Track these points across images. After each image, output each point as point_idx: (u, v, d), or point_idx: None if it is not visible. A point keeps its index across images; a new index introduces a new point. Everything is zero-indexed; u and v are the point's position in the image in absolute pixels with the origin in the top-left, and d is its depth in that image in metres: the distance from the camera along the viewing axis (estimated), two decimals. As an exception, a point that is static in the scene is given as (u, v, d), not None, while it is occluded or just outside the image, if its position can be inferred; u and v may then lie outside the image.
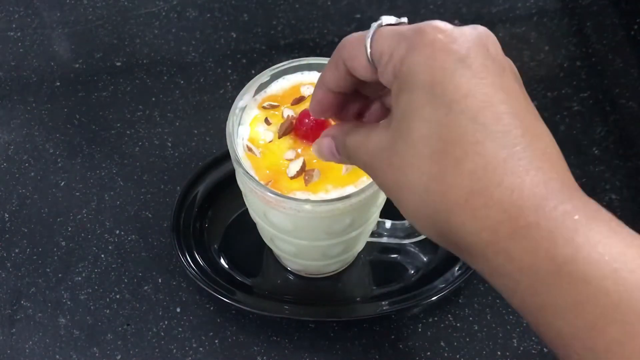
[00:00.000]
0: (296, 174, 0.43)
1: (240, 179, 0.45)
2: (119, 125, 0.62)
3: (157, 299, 0.54)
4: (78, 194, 0.59)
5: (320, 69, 0.47)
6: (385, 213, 0.50)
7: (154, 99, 0.64)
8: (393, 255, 0.55)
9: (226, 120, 0.45)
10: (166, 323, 0.53)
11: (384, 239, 0.53)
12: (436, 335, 0.52)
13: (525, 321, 0.52)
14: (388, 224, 0.53)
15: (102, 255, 0.56)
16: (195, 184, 0.56)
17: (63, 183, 0.59)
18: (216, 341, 0.52)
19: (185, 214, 0.55)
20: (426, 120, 0.29)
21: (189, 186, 0.56)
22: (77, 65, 0.66)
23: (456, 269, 0.53)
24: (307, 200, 0.42)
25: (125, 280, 0.55)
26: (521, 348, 0.51)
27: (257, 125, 0.46)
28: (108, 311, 0.53)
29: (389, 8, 0.68)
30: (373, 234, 0.52)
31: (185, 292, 0.54)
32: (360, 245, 0.53)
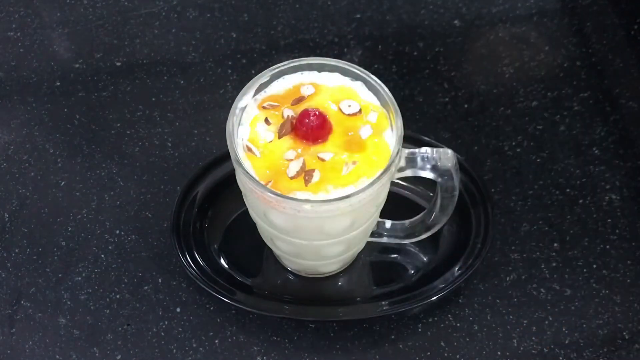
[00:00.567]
0: (296, 174, 0.43)
1: (240, 179, 0.45)
2: (119, 125, 0.62)
3: (157, 299, 0.54)
4: (78, 194, 0.59)
5: (320, 69, 0.47)
6: (385, 213, 0.50)
7: (154, 99, 0.64)
8: (393, 255, 0.55)
9: (226, 120, 0.45)
10: (166, 323, 0.53)
11: (384, 239, 0.53)
12: (436, 335, 0.52)
13: (525, 321, 0.52)
14: (388, 224, 0.53)
15: (102, 255, 0.56)
16: (195, 184, 0.56)
17: (63, 183, 0.59)
18: (216, 341, 0.52)
19: (185, 214, 0.55)
20: None
21: (189, 186, 0.56)
22: (77, 65, 0.66)
23: (456, 269, 0.53)
24: (307, 200, 0.42)
25: (125, 280, 0.55)
26: (521, 348, 0.51)
27: (257, 125, 0.46)
28: (108, 311, 0.53)
29: (388, 8, 0.68)
30: (373, 234, 0.52)
31: (185, 292, 0.54)
32: (360, 245, 0.53)
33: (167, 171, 0.60)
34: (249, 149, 0.44)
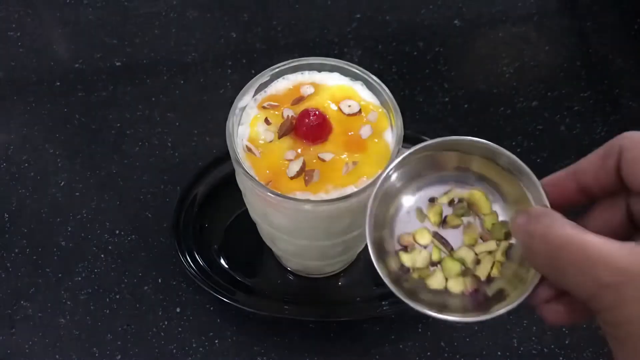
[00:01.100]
0: (296, 174, 0.43)
1: (240, 179, 0.45)
2: (119, 125, 0.62)
3: (157, 299, 0.54)
4: (78, 194, 0.59)
5: (320, 69, 0.47)
6: (385, 213, 0.50)
7: (154, 99, 0.64)
8: (393, 255, 0.55)
9: (226, 120, 0.45)
10: (166, 323, 0.53)
11: (384, 239, 0.53)
12: (436, 335, 0.52)
13: (525, 321, 0.52)
14: (388, 224, 0.53)
15: (102, 255, 0.56)
16: (195, 184, 0.56)
17: (63, 183, 0.59)
18: (216, 341, 0.52)
19: (185, 214, 0.55)
20: None
21: (189, 186, 0.56)
22: (77, 65, 0.66)
23: (456, 269, 0.53)
24: (307, 200, 0.42)
25: (125, 280, 0.55)
26: (521, 348, 0.51)
27: (257, 125, 0.46)
28: (108, 311, 0.53)
29: (388, 8, 0.68)
30: (373, 234, 0.52)
31: (185, 292, 0.54)
32: (360, 245, 0.53)
33: (167, 171, 0.60)
34: (249, 149, 0.44)
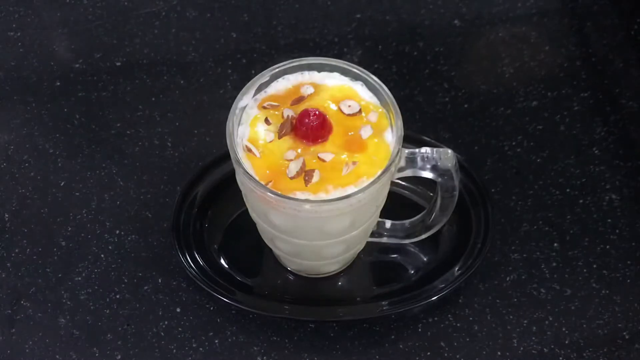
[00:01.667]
0: (296, 174, 0.43)
1: (240, 179, 0.45)
2: (119, 125, 0.62)
3: (157, 299, 0.54)
4: (78, 194, 0.59)
5: (320, 69, 0.47)
6: (385, 213, 0.50)
7: (154, 99, 0.64)
8: (393, 255, 0.55)
9: (226, 120, 0.45)
10: (166, 323, 0.53)
11: (384, 239, 0.53)
12: (436, 335, 0.52)
13: (525, 321, 0.52)
14: (388, 224, 0.53)
15: (102, 255, 0.56)
16: (195, 184, 0.56)
17: (63, 183, 0.59)
18: (216, 341, 0.52)
19: (185, 214, 0.55)
20: None
21: (189, 186, 0.56)
22: (77, 65, 0.66)
23: (456, 269, 0.53)
24: (307, 200, 0.42)
25: (125, 280, 0.55)
26: (521, 348, 0.51)
27: (257, 125, 0.46)
28: (108, 311, 0.53)
29: (388, 8, 0.68)
30: (373, 234, 0.52)
31: (185, 292, 0.54)
32: (360, 245, 0.53)
33: (167, 171, 0.60)
34: (249, 149, 0.44)
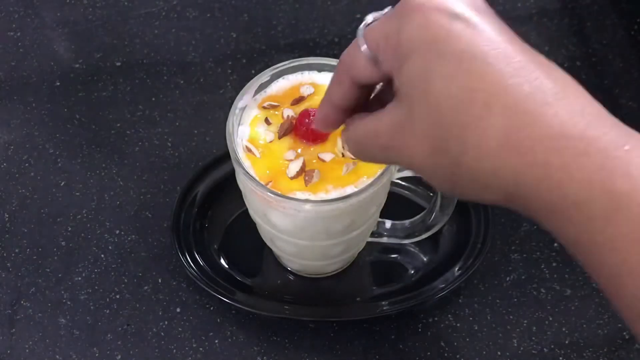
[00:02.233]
0: (296, 174, 0.43)
1: (240, 179, 0.45)
2: (119, 125, 0.62)
3: (157, 299, 0.54)
4: (78, 194, 0.59)
5: (320, 69, 0.47)
6: (385, 213, 0.50)
7: (154, 99, 0.64)
8: (393, 255, 0.55)
9: (226, 120, 0.45)
10: (166, 323, 0.53)
11: (384, 239, 0.53)
12: (436, 335, 0.52)
13: (525, 321, 0.52)
14: (388, 224, 0.53)
15: (102, 255, 0.56)
16: (195, 184, 0.56)
17: (63, 183, 0.59)
18: (216, 341, 0.52)
19: (185, 214, 0.55)
20: (440, 77, 0.29)
21: (189, 186, 0.56)
22: (77, 65, 0.66)
23: (456, 269, 0.53)
24: (307, 200, 0.42)
25: (125, 280, 0.55)
26: (521, 348, 0.51)
27: (257, 125, 0.46)
28: (108, 311, 0.53)
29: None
30: (373, 234, 0.52)
31: (185, 292, 0.54)
32: (360, 245, 0.53)
33: (167, 171, 0.60)
34: (249, 149, 0.44)
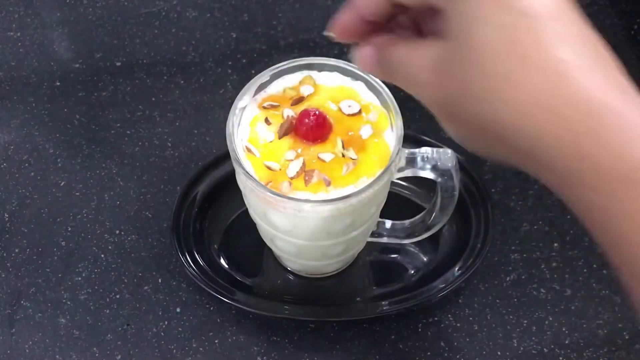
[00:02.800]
0: (296, 174, 0.43)
1: (240, 179, 0.45)
2: (119, 125, 0.62)
3: (157, 299, 0.54)
4: (78, 194, 0.59)
5: (320, 69, 0.47)
6: (385, 213, 0.50)
7: (154, 99, 0.64)
8: (393, 255, 0.55)
9: (226, 120, 0.45)
10: (166, 323, 0.53)
11: (384, 239, 0.53)
12: (436, 335, 0.52)
13: (525, 321, 0.52)
14: (388, 224, 0.53)
15: (102, 255, 0.56)
16: (195, 184, 0.56)
17: (63, 183, 0.59)
18: (216, 341, 0.52)
19: (185, 214, 0.55)
20: (495, 26, 0.29)
21: (189, 186, 0.56)
22: (77, 65, 0.66)
23: (456, 269, 0.53)
24: (307, 200, 0.42)
25: (125, 280, 0.55)
26: (521, 348, 0.51)
27: (257, 125, 0.46)
28: (108, 311, 0.53)
29: (389, 8, 0.68)
30: (373, 234, 0.52)
31: (185, 292, 0.54)
32: (360, 245, 0.53)
33: (167, 171, 0.60)
34: (249, 149, 0.44)
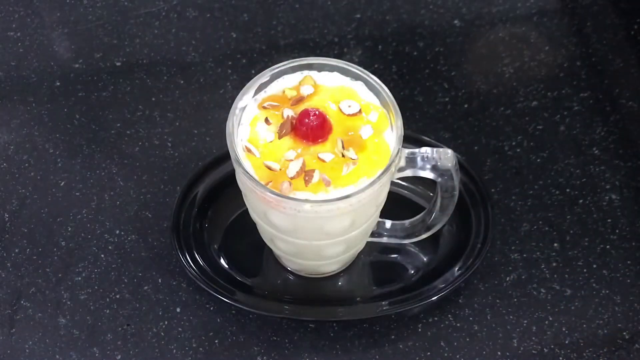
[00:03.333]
0: (296, 174, 0.43)
1: (240, 179, 0.45)
2: (119, 125, 0.62)
3: (157, 299, 0.54)
4: (78, 194, 0.59)
5: (320, 69, 0.47)
6: (385, 213, 0.50)
7: (154, 99, 0.64)
8: (393, 255, 0.55)
9: (226, 120, 0.45)
10: (166, 323, 0.53)
11: (384, 239, 0.53)
12: (436, 335, 0.52)
13: (525, 321, 0.52)
14: (388, 224, 0.53)
15: (102, 255, 0.56)
16: (195, 184, 0.56)
17: (63, 183, 0.59)
18: (216, 341, 0.52)
19: (185, 214, 0.55)
20: None
21: (189, 186, 0.56)
22: (77, 65, 0.66)
23: (456, 269, 0.53)
24: (307, 200, 0.42)
25: (125, 280, 0.55)
26: (521, 348, 0.51)
27: (257, 125, 0.46)
28: (108, 311, 0.53)
29: (389, 8, 0.68)
30: (373, 234, 0.52)
31: (185, 292, 0.54)
32: (360, 246, 0.53)
33: (167, 171, 0.60)
34: (249, 149, 0.44)
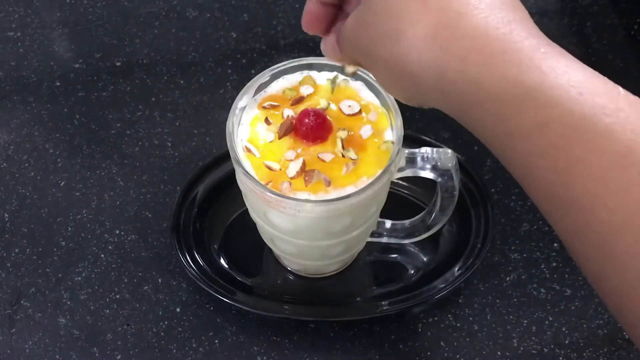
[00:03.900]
0: (296, 174, 0.43)
1: (240, 179, 0.45)
2: (119, 125, 0.62)
3: (157, 299, 0.54)
4: (78, 194, 0.59)
5: (320, 69, 0.47)
6: (385, 213, 0.50)
7: (154, 99, 0.64)
8: (393, 255, 0.55)
9: (226, 120, 0.45)
10: (166, 323, 0.53)
11: (384, 239, 0.53)
12: (436, 335, 0.52)
13: (525, 321, 0.52)
14: (388, 224, 0.53)
15: (102, 255, 0.56)
16: (195, 184, 0.56)
17: (63, 183, 0.59)
18: (216, 341, 0.52)
19: (185, 214, 0.55)
20: None
21: (189, 186, 0.56)
22: (77, 65, 0.66)
23: (456, 269, 0.53)
24: (307, 200, 0.42)
25: (125, 280, 0.55)
26: (521, 348, 0.51)
27: (257, 125, 0.46)
28: (108, 311, 0.53)
29: (389, 8, 0.68)
30: (373, 234, 0.52)
31: (185, 292, 0.54)
32: (360, 245, 0.53)
33: (167, 171, 0.60)
34: (249, 149, 0.44)
